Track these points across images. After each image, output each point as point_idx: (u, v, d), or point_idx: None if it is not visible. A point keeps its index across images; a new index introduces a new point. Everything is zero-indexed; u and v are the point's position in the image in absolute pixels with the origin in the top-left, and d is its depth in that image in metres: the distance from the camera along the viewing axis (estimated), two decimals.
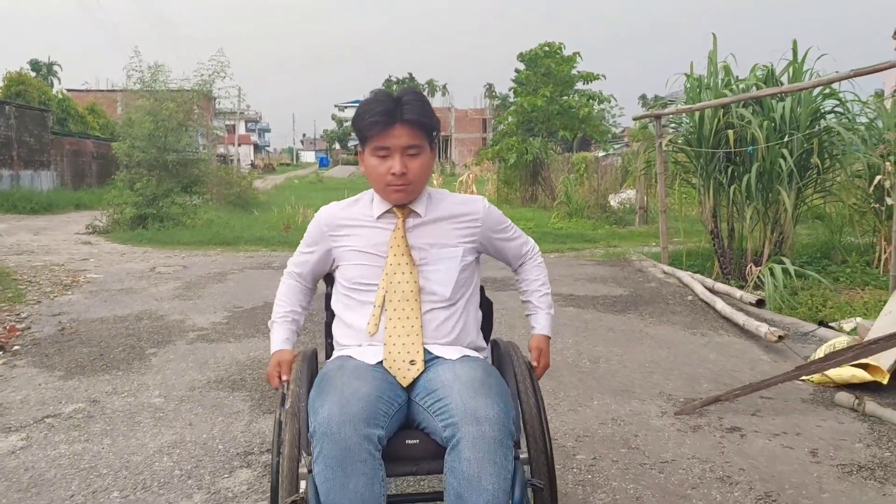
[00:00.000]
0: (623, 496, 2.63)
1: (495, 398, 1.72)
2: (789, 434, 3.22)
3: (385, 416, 1.74)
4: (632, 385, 3.93)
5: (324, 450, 1.64)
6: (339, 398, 1.70)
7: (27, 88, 25.13)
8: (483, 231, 2.10)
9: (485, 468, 1.62)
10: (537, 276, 2.25)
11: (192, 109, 13.06)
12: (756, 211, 7.24)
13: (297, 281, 2.22)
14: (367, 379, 1.80)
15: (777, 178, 6.99)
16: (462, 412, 1.68)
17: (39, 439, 3.28)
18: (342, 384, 1.76)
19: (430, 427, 1.78)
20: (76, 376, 4.22)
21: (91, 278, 7.52)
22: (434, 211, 2.06)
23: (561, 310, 5.86)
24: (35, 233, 12.13)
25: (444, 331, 1.97)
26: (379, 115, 1.91)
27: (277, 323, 2.17)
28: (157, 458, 3.04)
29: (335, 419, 1.65)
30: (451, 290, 2.00)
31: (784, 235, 7.27)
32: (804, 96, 7.08)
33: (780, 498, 2.61)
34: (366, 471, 1.64)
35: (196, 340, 5.01)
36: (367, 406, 1.71)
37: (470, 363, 1.86)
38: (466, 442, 1.65)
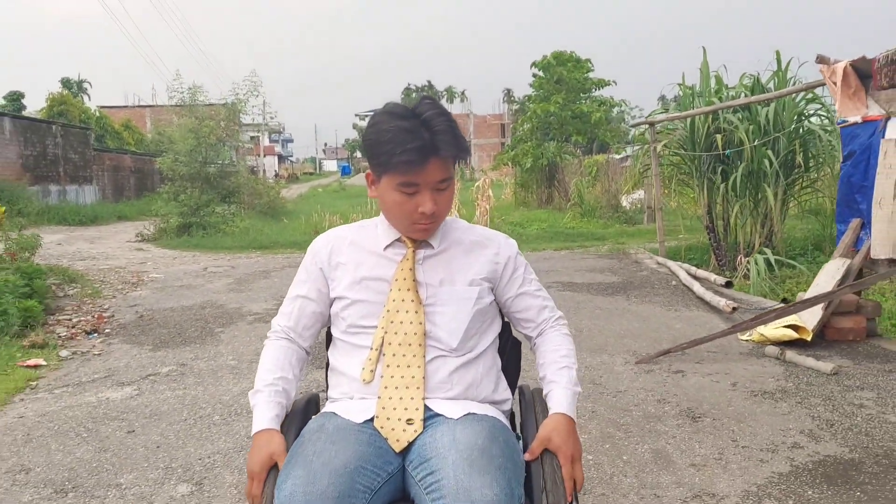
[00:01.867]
0: (582, 409, 3.63)
1: (495, 474, 1.40)
2: (720, 374, 4.19)
3: (366, 491, 1.44)
4: (605, 345, 4.92)
5: None
6: (307, 472, 1.41)
7: (69, 108, 26.66)
8: (504, 273, 1.80)
9: None
10: (559, 344, 1.80)
11: (229, 126, 14.21)
12: (744, 207, 8.05)
13: (286, 339, 1.80)
14: (347, 444, 1.50)
15: (763, 177, 7.74)
16: (455, 492, 1.37)
17: (148, 389, 4.34)
18: (314, 452, 1.47)
19: (421, 502, 1.46)
20: (163, 349, 5.29)
21: (154, 278, 8.65)
22: (448, 242, 1.78)
23: (558, 293, 6.85)
24: (91, 242, 13.35)
25: (448, 385, 1.65)
26: (413, 152, 1.58)
27: (263, 394, 1.68)
28: (240, 397, 4.08)
29: (297, 499, 1.37)
30: (460, 338, 1.68)
31: (773, 229, 8.05)
32: (787, 101, 7.80)
33: (697, 409, 3.59)
34: None
35: (254, 322, 6.07)
36: (342, 481, 1.41)
37: (473, 425, 1.54)
38: None
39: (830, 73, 4.88)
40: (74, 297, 7.18)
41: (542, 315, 1.83)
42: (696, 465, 2.96)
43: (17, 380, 4.52)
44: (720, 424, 3.40)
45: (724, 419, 3.47)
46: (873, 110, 4.73)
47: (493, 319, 1.80)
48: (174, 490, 2.90)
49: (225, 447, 3.34)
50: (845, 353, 4.58)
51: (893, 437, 3.20)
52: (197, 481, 2.98)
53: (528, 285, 1.82)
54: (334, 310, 1.77)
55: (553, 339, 1.80)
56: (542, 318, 1.83)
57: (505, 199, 22.31)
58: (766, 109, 7.81)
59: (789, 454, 3.04)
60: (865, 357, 4.48)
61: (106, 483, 2.99)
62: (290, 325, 1.79)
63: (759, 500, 2.64)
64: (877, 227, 4.59)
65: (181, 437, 3.49)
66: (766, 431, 3.30)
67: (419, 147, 1.57)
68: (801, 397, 3.75)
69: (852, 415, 3.49)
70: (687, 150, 8.92)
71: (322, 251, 1.79)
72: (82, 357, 5.12)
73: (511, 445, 1.54)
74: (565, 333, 1.83)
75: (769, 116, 7.75)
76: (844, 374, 4.11)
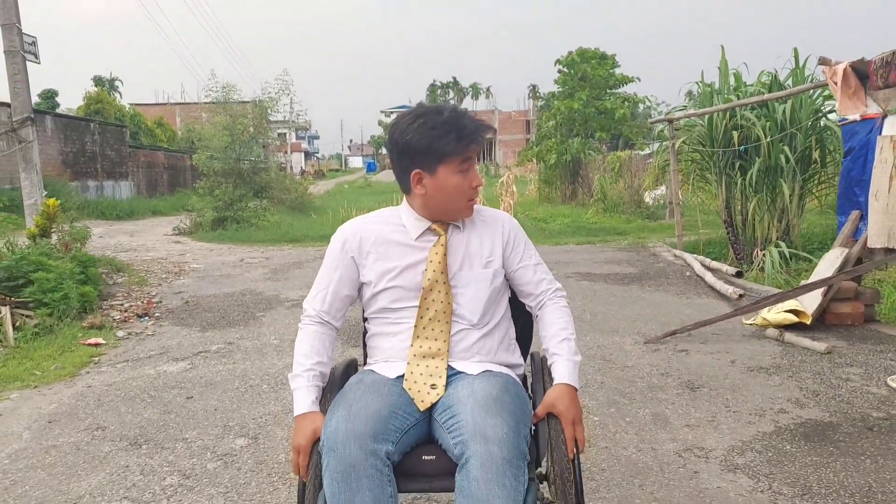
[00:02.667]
0: (592, 380, 4.03)
1: (506, 417, 1.65)
2: (721, 352, 4.55)
3: (397, 431, 1.71)
4: (617, 328, 5.30)
5: (330, 465, 1.64)
6: (347, 413, 1.69)
7: (104, 106, 27.49)
8: (506, 247, 2.02)
9: (493, 490, 1.56)
10: (557, 318, 2.00)
11: (261, 124, 14.74)
12: (761, 202, 8.23)
13: (320, 324, 2.01)
14: (381, 394, 1.77)
15: (780, 173, 7.97)
16: (472, 430, 1.63)
17: (200, 364, 4.80)
18: (354, 399, 1.74)
19: (445, 443, 1.73)
20: (210, 330, 5.76)
21: (194, 268, 9.18)
22: (465, 227, 2.00)
23: (576, 283, 7.23)
24: (130, 235, 13.97)
25: (470, 353, 1.92)
26: (467, 135, 1.86)
27: (302, 378, 1.91)
28: (285, 370, 4.53)
29: (340, 434, 1.64)
30: (480, 314, 1.93)
31: (790, 224, 8.24)
32: (804, 98, 7.99)
33: (695, 381, 3.98)
34: (372, 486, 1.62)
35: (292, 307, 6.54)
36: (377, 422, 1.68)
37: (489, 379, 1.80)
38: (475, 461, 1.59)
39: (832, 73, 5.20)
40: (123, 285, 7.71)
41: (541, 287, 2.02)
42: (690, 426, 3.34)
43: (82, 356, 5.02)
44: (716, 393, 3.78)
45: (720, 389, 3.84)
46: (871, 109, 5.05)
47: (504, 292, 2.03)
48: (233, 443, 3.35)
49: (275, 410, 3.79)
50: (842, 335, 4.91)
51: (872, 405, 3.55)
52: (252, 436, 3.43)
53: (527, 259, 2.02)
54: (366, 293, 1.99)
55: (552, 314, 1.99)
56: (540, 290, 2.02)
57: (529, 195, 22.62)
58: (784, 106, 8.00)
59: (775, 418, 3.41)
60: (860, 339, 4.81)
61: (173, 437, 3.45)
62: (324, 309, 2.00)
63: (742, 453, 3.02)
64: (873, 218, 4.90)
65: (235, 401, 3.95)
66: (757, 399, 3.67)
67: (472, 131, 1.86)
68: (793, 372, 4.11)
69: (838, 387, 3.84)
70: (705, 147, 9.17)
71: (352, 240, 1.98)
72: (137, 337, 5.61)
73: (521, 397, 1.80)
74: (562, 306, 2.02)
75: (786, 113, 7.94)
76: (837, 354, 4.46)
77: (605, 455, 3.04)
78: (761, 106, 8.27)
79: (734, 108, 8.38)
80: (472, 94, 74.17)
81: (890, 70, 4.60)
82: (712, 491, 2.68)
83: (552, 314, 2.00)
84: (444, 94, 74.49)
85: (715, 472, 2.85)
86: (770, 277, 7.10)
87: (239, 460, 3.14)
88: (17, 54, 7.94)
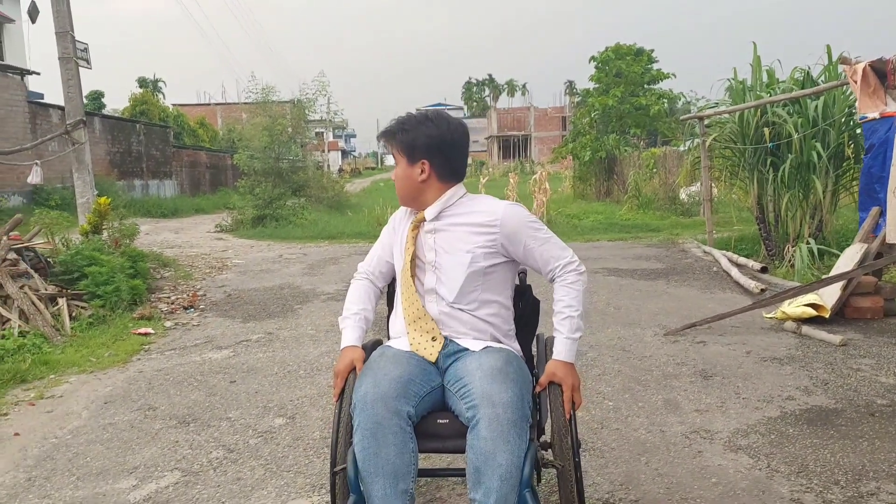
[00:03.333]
0: (609, 369, 4.24)
1: (510, 384, 1.93)
2: (738, 344, 4.71)
3: (416, 395, 2.00)
4: (639, 321, 5.48)
5: (360, 422, 1.91)
6: (374, 379, 1.99)
7: (149, 107, 28.32)
8: (503, 236, 2.17)
9: (498, 446, 1.82)
10: (563, 296, 2.18)
11: (299, 124, 15.16)
12: (794, 198, 8.20)
13: (367, 280, 2.42)
14: (401, 363, 2.06)
15: (813, 169, 7.95)
16: (480, 396, 1.90)
17: (242, 351, 5.12)
18: (377, 367, 2.05)
19: (457, 409, 2.01)
20: (251, 321, 6.09)
21: (236, 263, 9.57)
22: (451, 217, 2.23)
23: (603, 279, 7.41)
24: (175, 232, 14.49)
25: (459, 328, 2.17)
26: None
27: (349, 320, 2.32)
28: (320, 357, 4.82)
29: (369, 396, 1.93)
30: (457, 293, 2.16)
31: (823, 220, 8.21)
32: (837, 94, 7.93)
33: (709, 370, 4.16)
34: (396, 441, 1.90)
35: (327, 300, 6.84)
36: (399, 386, 1.97)
37: (493, 354, 2.07)
38: (484, 422, 1.85)
39: (852, 72, 5.30)
40: (170, 279, 8.11)
41: (549, 265, 2.19)
42: (699, 411, 3.53)
43: (133, 344, 5.38)
44: (727, 382, 3.95)
45: (732, 378, 4.02)
46: (891, 107, 5.14)
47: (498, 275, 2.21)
48: (272, 422, 3.64)
49: (311, 393, 4.07)
50: (859, 329, 5.03)
51: (878, 393, 3.69)
52: (290, 416, 3.71)
53: (532, 242, 2.17)
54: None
55: (558, 292, 2.18)
56: (549, 268, 2.20)
57: (563, 192, 22.70)
58: (816, 102, 7.98)
59: (782, 404, 3.58)
60: (877, 332, 4.92)
61: (218, 417, 3.75)
62: (371, 270, 2.42)
63: (746, 435, 3.20)
64: (891, 213, 5.01)
65: (274, 385, 4.25)
66: (767, 387, 3.84)
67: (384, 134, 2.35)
68: (806, 362, 4.26)
69: (847, 376, 3.98)
70: (737, 144, 9.20)
71: (392, 223, 2.41)
72: (184, 327, 5.96)
73: (522, 368, 2.08)
74: (569, 283, 2.17)
75: (818, 109, 7.91)
76: (852, 346, 4.59)
77: (616, 436, 3.25)
78: (794, 102, 8.24)
79: (766, 105, 8.39)
80: (508, 90, 74.14)
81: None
82: (713, 468, 2.88)
83: (558, 292, 2.19)
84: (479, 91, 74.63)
85: (718, 451, 3.04)
86: (800, 273, 7.16)
87: (278, 437, 3.43)
88: (71, 61, 8.39)
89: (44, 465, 3.19)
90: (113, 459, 3.24)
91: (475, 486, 1.85)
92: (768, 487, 2.69)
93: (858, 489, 2.66)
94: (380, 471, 1.88)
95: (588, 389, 3.88)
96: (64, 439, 3.51)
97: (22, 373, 4.57)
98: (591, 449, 3.10)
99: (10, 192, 14.79)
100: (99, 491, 2.91)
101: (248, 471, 3.05)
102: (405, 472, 1.90)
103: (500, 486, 1.80)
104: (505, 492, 1.81)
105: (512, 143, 61.40)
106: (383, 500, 1.87)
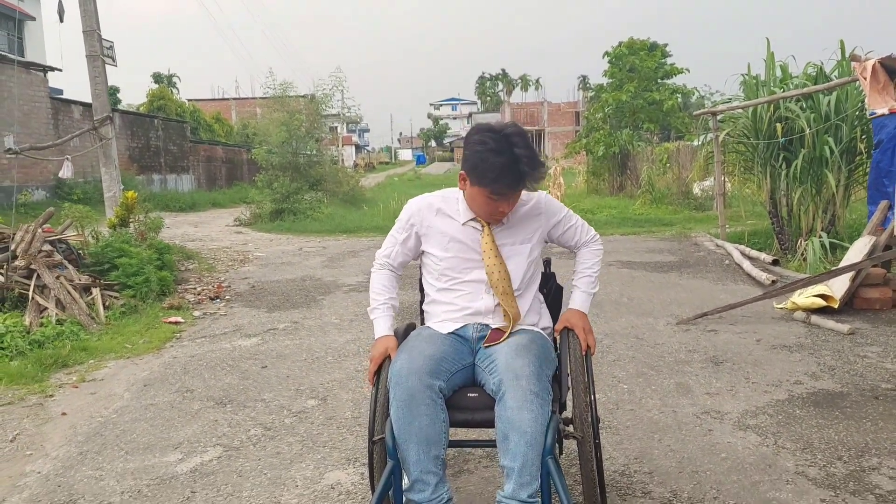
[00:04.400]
0: (624, 355, 4.42)
1: (532, 359, 2.11)
2: (748, 332, 4.88)
3: (447, 372, 2.18)
4: (652, 310, 5.66)
5: (395, 394, 2.09)
6: (409, 355, 2.16)
7: (166, 102, 28.66)
8: (545, 221, 2.42)
9: (523, 414, 2.00)
10: (587, 258, 2.51)
11: (316, 119, 15.38)
12: (806, 193, 8.29)
13: (389, 270, 2.51)
14: (435, 343, 2.24)
15: (825, 164, 8.02)
16: (504, 369, 2.10)
17: (270, 339, 5.34)
18: (413, 346, 2.22)
19: (487, 383, 2.19)
20: (276, 311, 6.31)
21: (257, 256, 9.81)
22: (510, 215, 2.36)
23: (616, 271, 7.58)
24: (195, 226, 14.77)
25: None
26: (509, 186, 2.19)
27: (379, 310, 2.43)
28: (346, 345, 5.03)
29: (404, 371, 2.11)
30: (520, 281, 2.35)
31: (836, 214, 8.29)
32: (850, 89, 7.95)
33: (720, 356, 4.34)
34: (428, 412, 2.07)
35: (349, 291, 7.06)
36: (431, 362, 2.14)
37: (521, 334, 2.27)
38: (509, 393, 2.04)
39: (861, 69, 5.44)
40: (194, 271, 8.35)
41: (576, 237, 2.50)
42: (710, 394, 3.71)
43: (165, 332, 5.61)
44: (737, 367, 4.13)
45: (742, 364, 4.19)
46: None
47: (538, 265, 2.48)
48: (305, 403, 3.85)
49: (340, 377, 4.28)
50: (868, 319, 5.18)
51: (883, 378, 3.86)
52: (321, 398, 3.93)
53: (567, 222, 2.47)
54: (426, 261, 2.45)
55: (583, 255, 2.52)
56: (576, 240, 2.50)
57: (577, 187, 22.80)
58: (829, 98, 8.04)
59: (790, 388, 3.76)
60: (885, 322, 5.07)
61: (253, 398, 3.97)
62: (390, 260, 2.50)
63: (755, 416, 3.38)
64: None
65: (304, 370, 4.46)
66: (776, 372, 4.01)
67: (514, 181, 2.19)
68: (814, 350, 4.43)
69: (854, 363, 4.15)
70: (750, 139, 9.31)
71: (416, 214, 2.43)
72: (212, 317, 6.19)
73: (545, 347, 2.27)
74: (594, 250, 2.53)
75: (831, 104, 7.97)
76: (860, 335, 4.75)
77: (630, 416, 3.44)
78: (807, 98, 8.30)
79: (779, 101, 8.48)
80: (522, 85, 74.00)
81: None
82: (722, 445, 3.06)
83: (583, 255, 2.52)
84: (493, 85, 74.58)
85: (727, 430, 3.22)
86: (812, 267, 7.28)
87: (311, 416, 3.64)
88: (98, 58, 8.63)
89: (94, 441, 3.41)
90: (157, 436, 3.46)
91: (504, 453, 2.04)
92: (774, 462, 2.87)
93: (861, 464, 2.83)
94: (413, 437, 2.06)
95: (603, 374, 4.07)
96: (110, 418, 3.74)
97: (63, 358, 4.81)
98: (608, 427, 3.29)
99: (34, 186, 15.11)
100: (148, 463, 3.13)
101: (286, 446, 3.26)
102: (437, 440, 2.09)
103: (525, 451, 1.99)
104: (531, 456, 1.99)
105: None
106: (417, 464, 2.07)
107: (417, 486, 2.09)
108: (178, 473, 3.02)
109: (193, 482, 2.93)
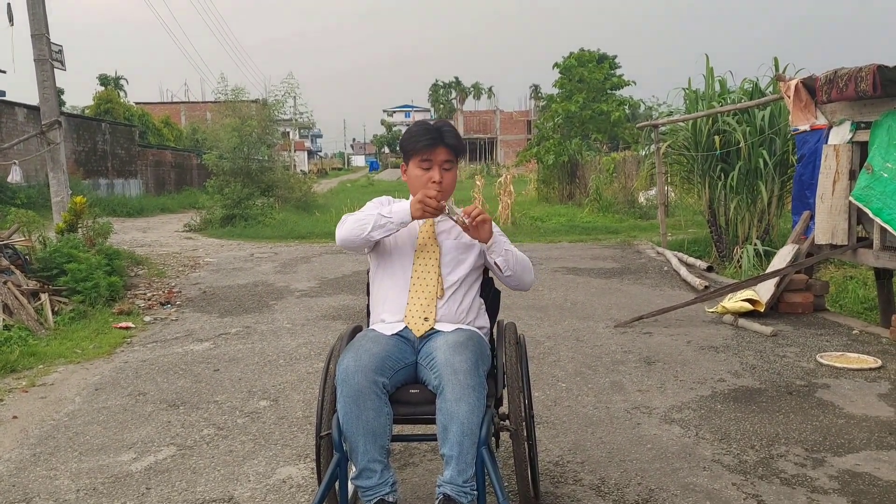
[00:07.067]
0: (564, 356, 4.68)
1: (469, 355, 2.27)
2: (680, 335, 5.19)
3: (391, 369, 2.33)
4: (593, 314, 5.94)
5: (343, 391, 2.23)
6: (356, 354, 2.30)
7: (114, 106, 28.16)
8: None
9: (460, 406, 2.17)
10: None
11: (268, 125, 15.39)
12: (742, 203, 8.72)
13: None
14: (380, 343, 2.39)
15: (759, 175, 8.47)
16: (443, 364, 2.25)
17: (222, 344, 5.43)
18: (360, 346, 2.36)
19: (428, 380, 2.35)
20: (228, 316, 6.39)
21: (208, 261, 9.82)
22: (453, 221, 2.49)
23: (562, 276, 7.87)
24: (144, 231, 14.62)
25: (452, 312, 2.53)
26: (428, 140, 2.48)
27: (376, 214, 2.48)
28: (298, 348, 5.16)
29: (350, 369, 2.24)
30: (460, 283, 2.56)
31: (769, 223, 8.73)
32: (782, 105, 8.03)
33: (653, 356, 4.62)
34: (374, 406, 2.23)
35: (301, 297, 7.17)
36: (377, 361, 2.28)
37: (459, 332, 2.42)
38: (448, 387, 2.21)
39: (786, 88, 5.82)
40: (144, 277, 8.35)
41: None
42: (641, 391, 3.98)
43: (115, 337, 5.65)
44: (668, 367, 4.41)
45: (672, 363, 4.48)
46: (820, 120, 5.66)
47: (478, 270, 2.65)
48: (257, 404, 3.98)
49: (291, 379, 4.42)
50: (790, 322, 5.54)
51: (798, 376, 4.18)
52: (273, 399, 4.06)
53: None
54: (373, 254, 2.63)
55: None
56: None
57: (528, 195, 23.19)
58: (763, 112, 8.49)
59: (713, 385, 4.05)
60: (805, 325, 5.44)
61: (206, 400, 4.08)
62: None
63: (680, 410, 3.65)
64: (819, 217, 5.52)
65: (256, 373, 4.58)
66: (702, 371, 4.30)
67: (435, 139, 2.49)
68: (739, 350, 4.75)
69: (773, 362, 4.47)
70: (690, 150, 9.72)
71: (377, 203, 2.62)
72: (163, 322, 6.24)
73: (481, 345, 2.44)
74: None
75: (766, 119, 8.43)
76: (781, 336, 5.09)
77: (567, 412, 3.68)
78: (743, 112, 8.73)
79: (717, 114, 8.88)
80: (475, 93, 74.60)
81: (832, 87, 5.21)
82: (649, 437, 3.31)
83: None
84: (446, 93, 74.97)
85: (654, 423, 3.48)
86: (746, 273, 7.68)
87: (263, 416, 3.77)
88: (47, 62, 8.57)
89: (46, 444, 3.49)
90: (111, 437, 3.55)
91: (443, 443, 2.22)
92: (694, 451, 3.13)
93: (770, 452, 3.11)
94: (360, 430, 2.22)
95: (544, 373, 4.31)
96: (62, 421, 3.81)
97: (11, 363, 4.82)
98: (545, 422, 3.51)
99: None
100: (102, 463, 3.23)
101: (239, 444, 3.40)
102: (382, 432, 2.26)
103: (461, 440, 2.18)
104: (466, 445, 2.18)
105: (478, 145, 61.99)
106: (364, 454, 2.25)
107: (365, 474, 2.26)
108: (132, 471, 3.13)
109: (148, 479, 3.04)
